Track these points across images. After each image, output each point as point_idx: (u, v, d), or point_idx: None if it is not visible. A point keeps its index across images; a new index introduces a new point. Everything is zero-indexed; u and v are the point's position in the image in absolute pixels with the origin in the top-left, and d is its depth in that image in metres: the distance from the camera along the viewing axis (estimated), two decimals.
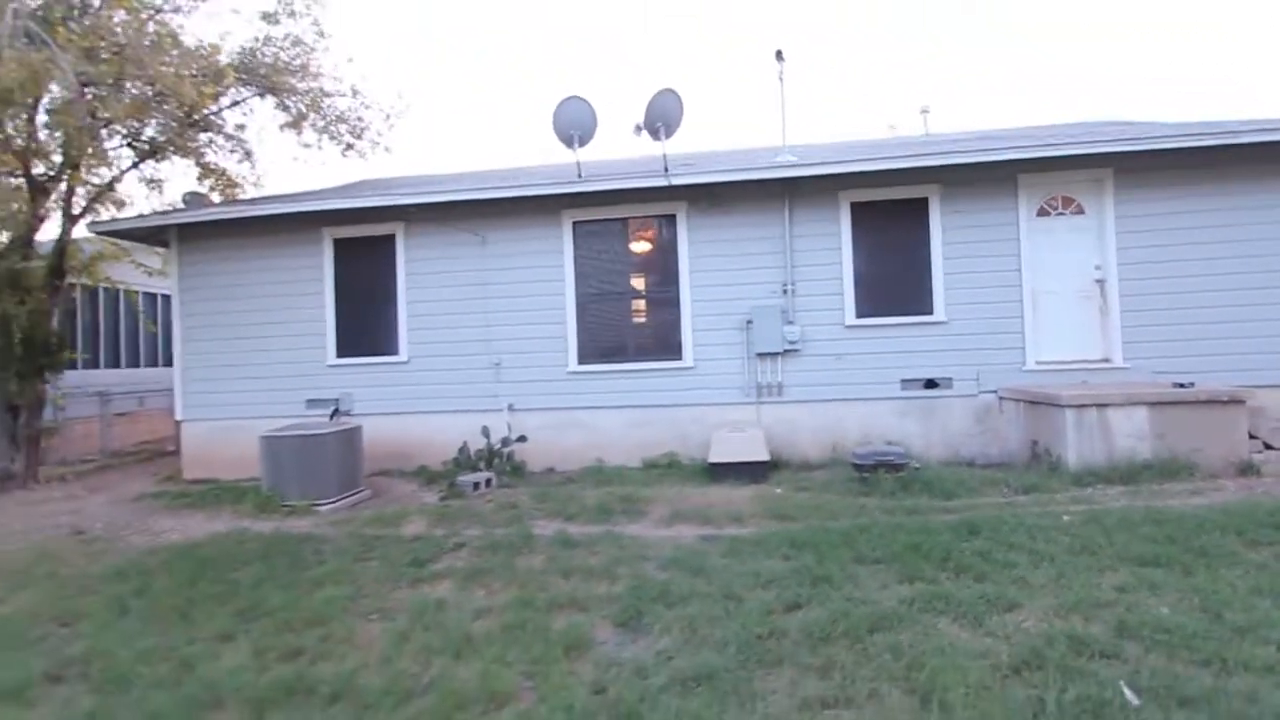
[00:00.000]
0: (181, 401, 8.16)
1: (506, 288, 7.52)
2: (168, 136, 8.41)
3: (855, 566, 3.67)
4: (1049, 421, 5.98)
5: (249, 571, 4.18)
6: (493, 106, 43.44)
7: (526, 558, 4.22)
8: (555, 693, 2.51)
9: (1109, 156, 6.55)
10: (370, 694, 2.57)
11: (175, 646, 3.12)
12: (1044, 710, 2.19)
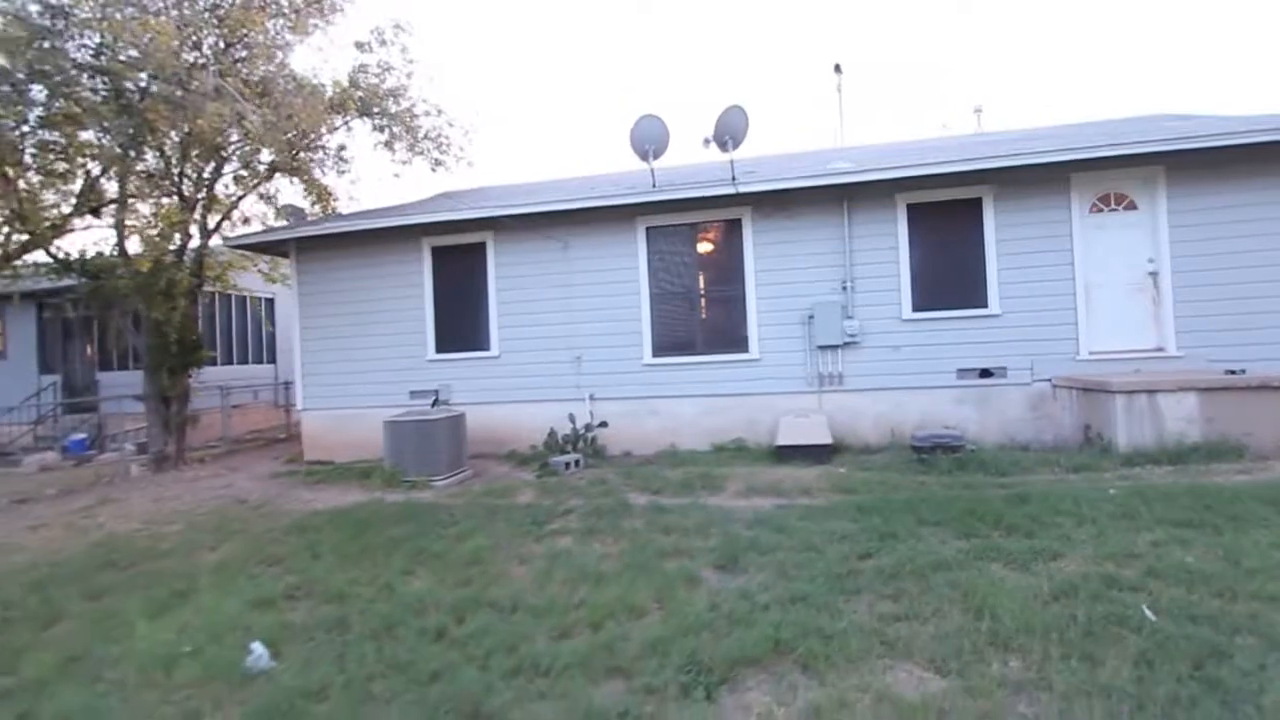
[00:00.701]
0: (302, 394, 9.27)
1: (586, 288, 8.31)
2: (284, 159, 9.54)
3: (917, 527, 4.26)
4: (1100, 407, 6.38)
5: (400, 529, 5.07)
6: (563, 114, 44.85)
7: (628, 520, 4.97)
8: (679, 608, 3.23)
9: (1160, 154, 6.85)
10: (537, 608, 3.35)
11: (370, 578, 3.99)
12: (1075, 622, 2.78)
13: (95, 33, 7.16)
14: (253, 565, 4.49)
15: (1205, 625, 2.70)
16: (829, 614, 3.02)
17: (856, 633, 2.81)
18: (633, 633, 2.98)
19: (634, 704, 2.37)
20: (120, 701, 2.66)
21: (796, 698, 2.39)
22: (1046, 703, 2.25)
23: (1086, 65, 35.51)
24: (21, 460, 11.29)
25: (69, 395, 12.89)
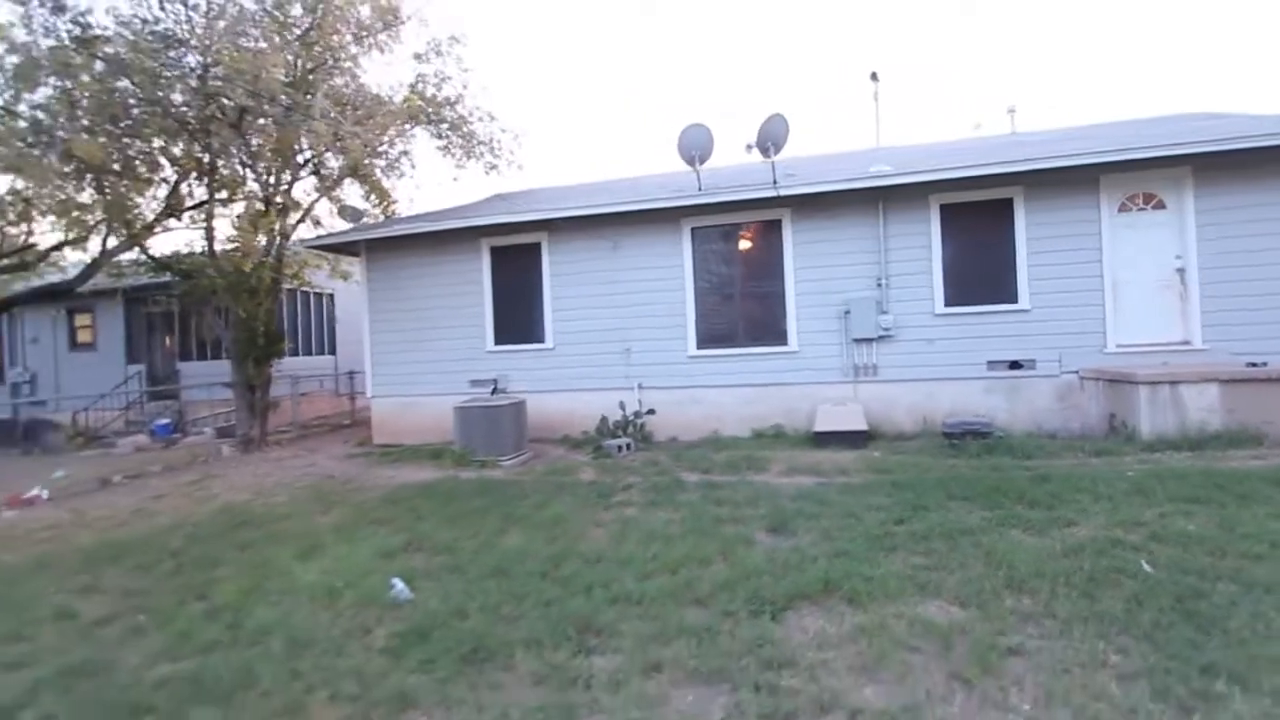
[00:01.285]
0: (371, 382, 10.08)
1: (635, 284, 8.91)
2: (353, 165, 10.33)
3: (946, 501, 4.78)
4: (1125, 397, 6.76)
5: (483, 500, 5.77)
6: (605, 115, 45.63)
7: (683, 494, 5.58)
8: (740, 560, 3.82)
9: (1189, 156, 7.15)
10: (619, 559, 3.98)
11: (470, 536, 4.67)
12: (1081, 571, 3.30)
13: (199, 55, 7.99)
14: (364, 526, 5.22)
15: (1193, 575, 3.20)
16: (869, 564, 3.59)
17: (892, 578, 3.37)
18: (703, 576, 3.58)
19: (715, 622, 2.98)
20: (302, 618, 3.37)
21: (844, 622, 2.97)
22: (1050, 626, 2.79)
23: (1122, 61, 34.87)
24: (116, 443, 12.39)
25: (152, 383, 14.01)
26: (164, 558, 4.59)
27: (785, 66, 44.82)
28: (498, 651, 2.83)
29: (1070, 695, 2.26)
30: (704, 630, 2.91)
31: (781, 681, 2.47)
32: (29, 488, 7.53)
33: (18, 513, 6.81)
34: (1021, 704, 2.25)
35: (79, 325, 14.79)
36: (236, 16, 8.06)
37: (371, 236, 9.81)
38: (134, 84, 8.11)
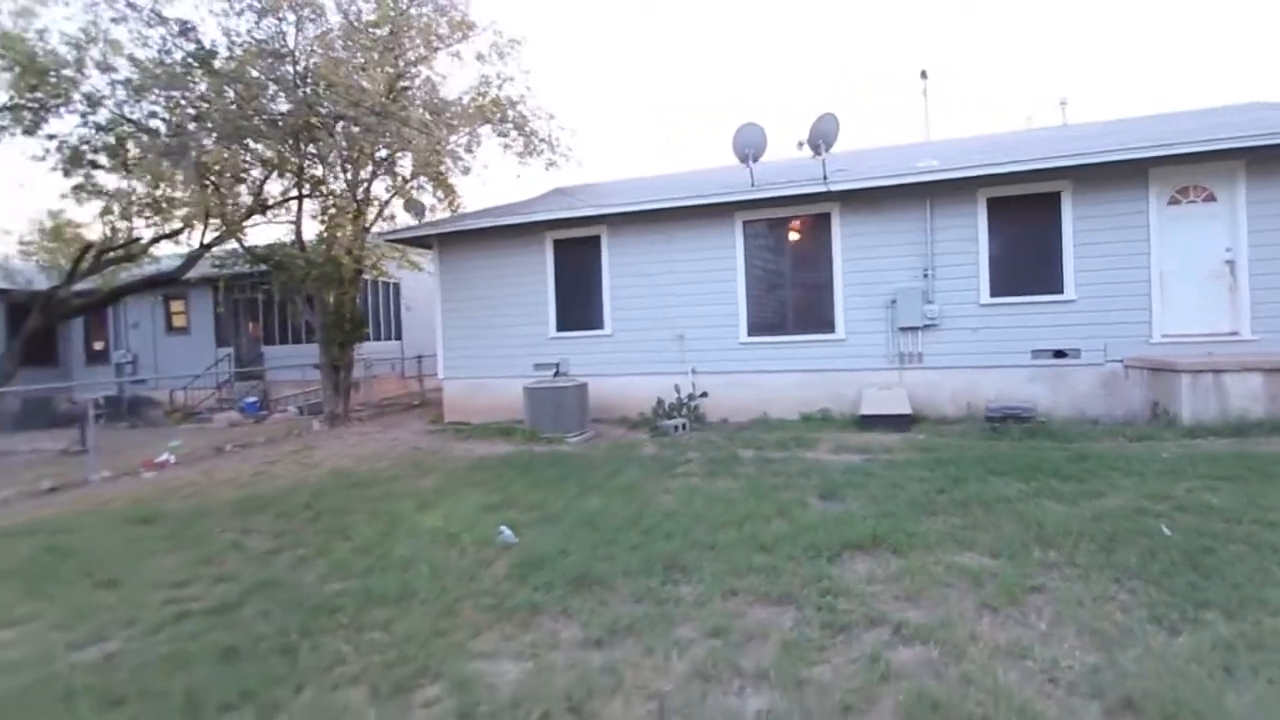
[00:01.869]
0: (442, 365, 10.93)
1: (689, 275, 9.46)
2: (425, 164, 11.12)
3: (985, 475, 5.22)
4: (1167, 385, 7.00)
5: (558, 469, 6.45)
6: (657, 108, 46.13)
7: (740, 467, 6.15)
8: (796, 518, 4.38)
9: (1241, 150, 7.26)
10: (690, 516, 4.59)
11: (555, 497, 5.34)
12: (1104, 532, 3.74)
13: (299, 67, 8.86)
14: (461, 488, 5.96)
15: (1207, 538, 3.61)
16: (911, 523, 4.10)
17: (932, 534, 3.89)
18: (766, 530, 4.16)
19: (779, 563, 3.56)
20: (434, 553, 4.09)
21: (889, 565, 3.51)
22: (1070, 572, 3.28)
23: (1175, 49, 33.30)
24: (212, 418, 13.67)
25: (239, 365, 15.29)
26: (300, 509, 5.43)
27: (835, 61, 44.34)
28: (600, 579, 3.48)
29: (1080, 619, 2.76)
30: (770, 568, 3.49)
31: (838, 605, 3.03)
32: (150, 455, 8.61)
33: (154, 474, 7.85)
34: (1039, 624, 2.77)
35: (174, 311, 16.20)
36: (340, 32, 8.90)
37: (444, 231, 10.60)
38: (242, 96, 9.04)
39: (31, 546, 4.73)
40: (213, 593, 3.62)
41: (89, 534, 5.02)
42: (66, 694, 2.56)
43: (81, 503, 6.43)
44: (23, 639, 3.17)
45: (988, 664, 2.41)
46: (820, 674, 2.44)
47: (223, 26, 9.41)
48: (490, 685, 2.48)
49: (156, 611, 3.38)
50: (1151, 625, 2.67)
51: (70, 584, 3.88)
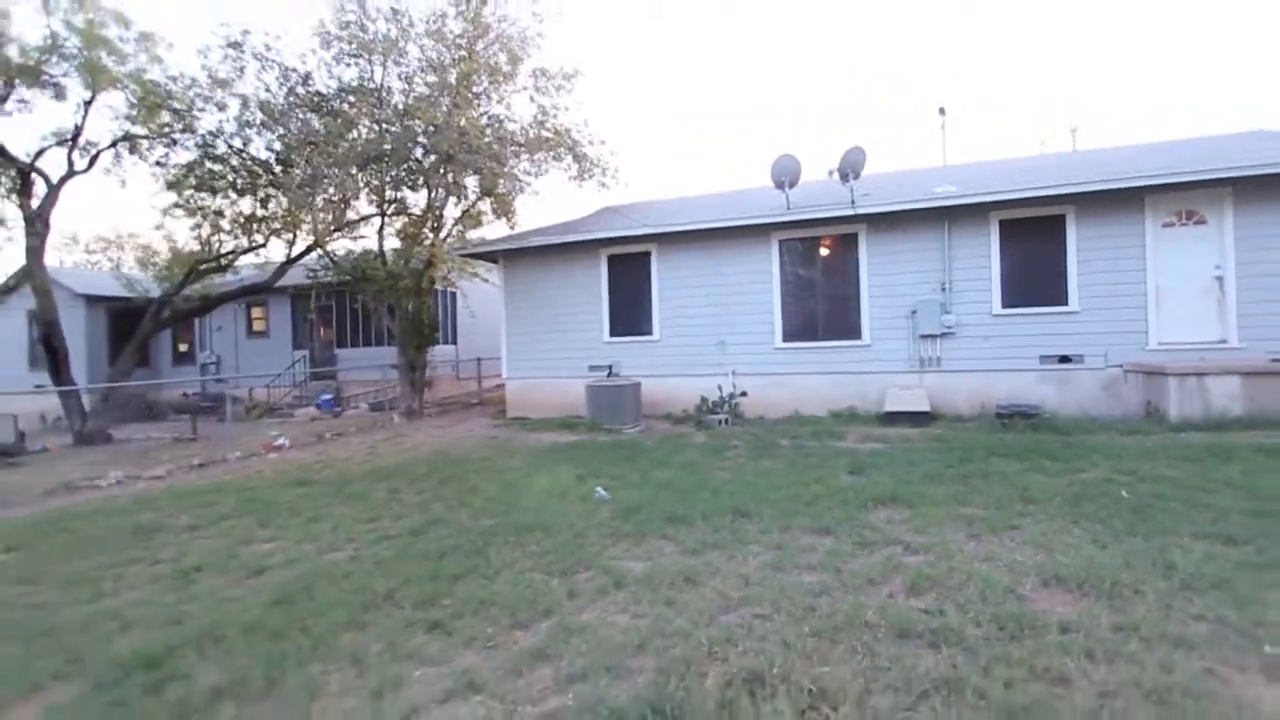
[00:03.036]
0: (506, 366, 12.23)
1: (730, 286, 10.63)
2: (489, 189, 12.48)
3: (988, 457, 6.28)
4: (1159, 387, 7.95)
5: (622, 452, 7.64)
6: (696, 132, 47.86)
7: (780, 451, 7.27)
8: (830, 485, 5.50)
9: (1229, 179, 8.20)
10: (742, 483, 5.73)
11: (628, 471, 6.53)
12: (1075, 495, 4.80)
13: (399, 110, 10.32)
14: (549, 464, 7.18)
15: (1154, 498, 4.65)
16: (922, 488, 5.20)
17: (939, 495, 4.98)
18: (806, 492, 5.29)
19: (820, 511, 4.70)
20: (550, 505, 5.31)
21: (903, 513, 4.62)
22: (1041, 518, 4.35)
23: (1180, 74, 33.74)
24: (294, 413, 15.21)
25: (313, 366, 16.84)
26: (423, 477, 6.71)
27: (864, 81, 45.52)
28: (684, 518, 4.65)
29: (1039, 542, 3.85)
30: (813, 514, 4.64)
31: (864, 534, 4.16)
32: (267, 441, 10.02)
33: (276, 455, 9.25)
34: (1009, 544, 3.86)
35: (255, 317, 17.86)
36: (419, 66, 10.33)
37: (509, 247, 11.93)
38: (341, 133, 10.51)
39: (233, 499, 6.08)
40: (398, 525, 4.89)
41: (266, 492, 6.36)
42: (345, 574, 3.82)
43: (234, 474, 7.82)
44: (282, 550, 4.46)
45: (967, 562, 3.53)
46: (852, 566, 3.58)
47: (332, 74, 10.93)
48: (626, 571, 3.67)
49: (365, 535, 4.65)
50: (1088, 545, 3.75)
51: (286, 520, 5.19)
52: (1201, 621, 2.72)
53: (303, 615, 3.19)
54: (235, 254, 13.95)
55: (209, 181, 11.91)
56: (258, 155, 11.91)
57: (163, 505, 6.07)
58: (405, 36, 11.21)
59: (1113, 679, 2.31)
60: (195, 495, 6.47)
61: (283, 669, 2.66)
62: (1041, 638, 2.61)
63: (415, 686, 2.53)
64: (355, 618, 3.16)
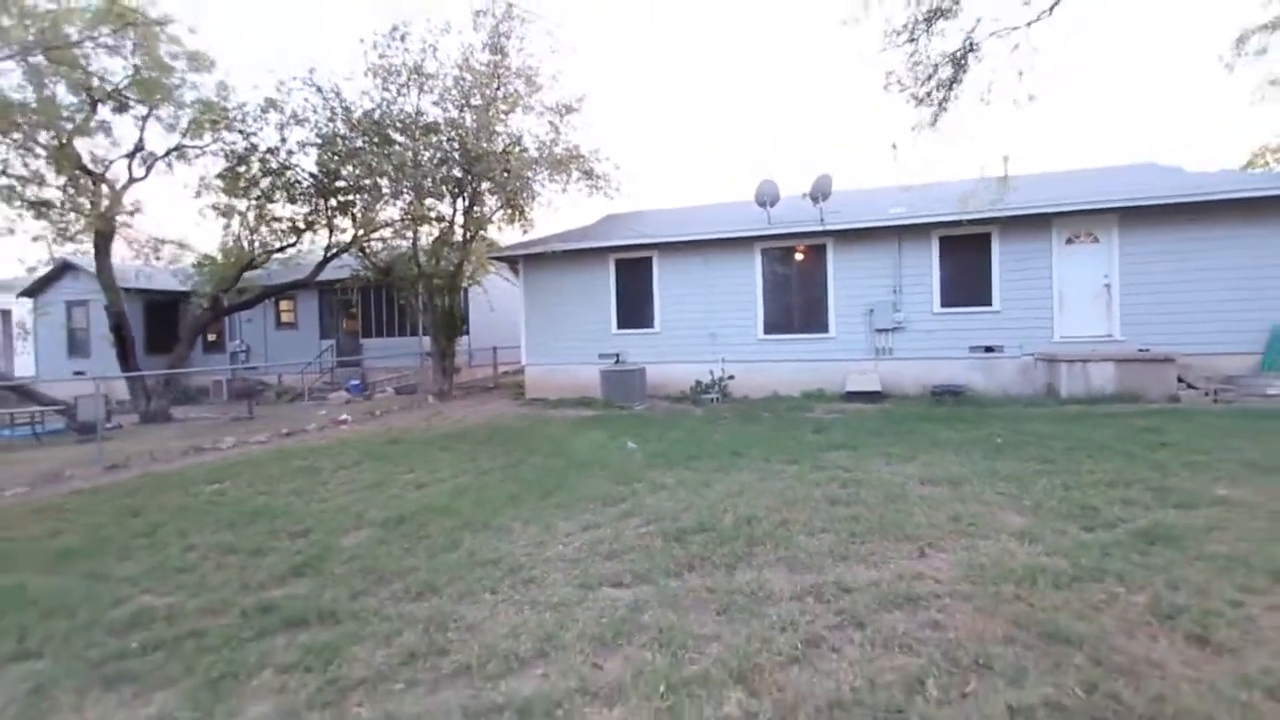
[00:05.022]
0: (526, 353, 14.12)
1: (719, 287, 12.64)
2: (509, 200, 14.29)
3: (918, 422, 8.39)
4: (1056, 371, 10.17)
5: (638, 421, 9.62)
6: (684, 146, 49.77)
7: (762, 420, 9.32)
8: (799, 440, 7.54)
9: (1115, 209, 10.41)
10: (734, 439, 7.76)
11: (649, 435, 8.52)
12: (971, 441, 6.91)
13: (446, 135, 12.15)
14: (581, 430, 9.13)
15: (1017, 443, 6.77)
16: (864, 439, 7.28)
17: (875, 444, 7.06)
18: (781, 444, 7.33)
19: (792, 453, 6.74)
20: (596, 453, 7.27)
21: (849, 455, 6.67)
22: (937, 455, 6.43)
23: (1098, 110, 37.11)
24: (328, 396, 16.91)
25: (339, 355, 18.52)
26: (485, 439, 8.62)
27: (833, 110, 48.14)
28: (695, 458, 6.66)
29: (930, 465, 5.92)
30: (786, 454, 6.69)
31: (819, 462, 6.21)
32: (294, 426, 11.81)
33: (345, 427, 11.06)
34: (910, 468, 5.93)
35: (283, 309, 19.43)
36: (454, 90, 12.18)
37: (530, 252, 13.79)
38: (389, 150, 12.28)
39: (352, 452, 7.95)
40: (494, 464, 6.83)
41: (371, 449, 8.23)
42: (479, 487, 5.76)
43: (324, 439, 9.64)
44: (422, 477, 6.36)
45: (879, 474, 5.59)
46: (809, 477, 5.62)
47: (372, 98, 12.71)
48: (664, 482, 5.66)
49: (474, 469, 6.60)
50: (955, 465, 5.84)
51: (407, 462, 7.09)
52: (999, 494, 4.81)
53: (472, 503, 5.14)
54: (280, 250, 15.57)
55: (264, 189, 13.57)
56: (304, 167, 13.60)
57: (296, 456, 7.93)
58: (439, 68, 12.98)
59: (940, 515, 4.37)
60: (312, 452, 8.31)
61: (483, 521, 4.62)
62: (908, 501, 4.68)
63: (560, 526, 4.51)
64: (506, 504, 5.12)
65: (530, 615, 3.07)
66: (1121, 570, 3.26)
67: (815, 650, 2.62)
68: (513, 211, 15.11)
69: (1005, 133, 36.64)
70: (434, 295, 13.79)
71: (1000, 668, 2.40)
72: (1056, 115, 43.05)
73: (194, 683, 2.57)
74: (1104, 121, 40.29)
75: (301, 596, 3.37)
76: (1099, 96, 42.93)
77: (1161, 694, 2.19)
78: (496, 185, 13.28)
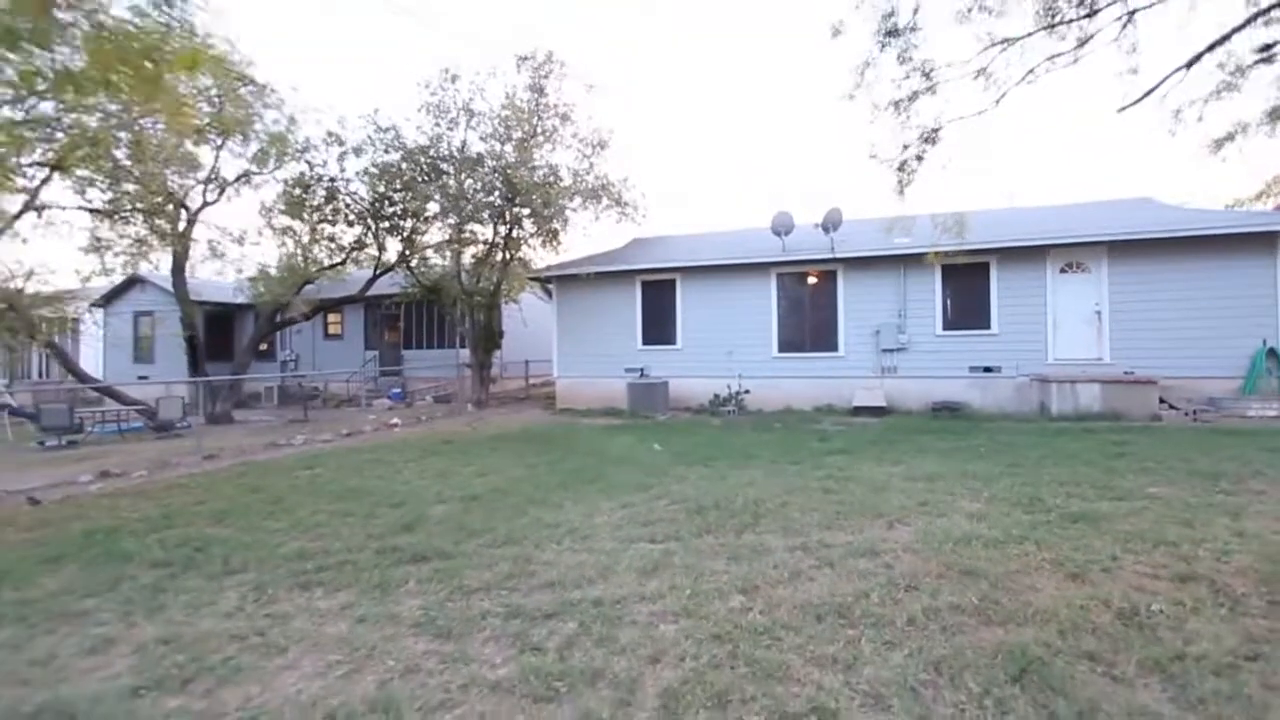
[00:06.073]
0: (557, 367, 15.29)
1: (737, 308, 13.71)
2: (546, 224, 15.56)
3: (914, 434, 9.33)
4: (1047, 390, 11.04)
5: (662, 430, 10.69)
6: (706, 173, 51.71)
7: (773, 430, 10.33)
8: (807, 447, 8.55)
9: (1104, 242, 11.32)
10: (746, 445, 8.78)
11: (675, 439, 9.58)
12: (955, 449, 7.86)
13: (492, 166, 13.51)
14: (612, 435, 10.22)
15: (995, 451, 7.71)
16: (862, 447, 8.27)
17: (872, 450, 8.05)
18: (788, 449, 8.35)
19: (797, 456, 7.76)
20: (627, 454, 8.35)
21: (850, 458, 7.67)
22: (924, 460, 7.40)
23: None
24: (372, 403, 18.24)
25: (382, 365, 19.90)
26: (527, 441, 9.76)
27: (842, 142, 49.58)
28: (713, 458, 7.70)
29: (911, 465, 6.90)
30: (792, 457, 7.70)
31: (820, 464, 7.21)
32: (352, 428, 13.06)
33: (397, 430, 12.29)
34: (896, 468, 6.91)
35: (330, 321, 20.92)
36: (499, 127, 13.56)
37: (564, 273, 15.03)
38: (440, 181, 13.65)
39: (411, 450, 9.13)
40: (540, 460, 7.94)
41: (428, 447, 9.40)
42: (531, 477, 6.88)
43: (381, 439, 10.86)
44: (482, 469, 7.50)
45: (869, 472, 6.59)
46: (809, 474, 6.63)
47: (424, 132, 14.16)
48: (687, 476, 6.72)
49: (523, 464, 7.71)
50: (934, 466, 6.80)
51: (464, 458, 8.25)
52: (965, 488, 5.79)
53: (530, 488, 6.26)
54: (331, 267, 17.03)
55: (324, 212, 15.05)
56: (360, 193, 15.07)
57: (365, 452, 9.13)
58: (487, 107, 14.39)
59: (912, 501, 5.37)
60: (378, 449, 9.51)
61: (540, 499, 5.73)
62: (889, 492, 5.68)
63: (603, 505, 5.59)
64: (556, 488, 6.22)
65: (588, 557, 4.15)
66: (1041, 538, 4.25)
67: (796, 579, 3.66)
68: (547, 236, 16.40)
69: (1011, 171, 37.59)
70: (474, 311, 15.06)
71: (924, 588, 3.42)
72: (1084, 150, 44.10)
73: (361, 587, 3.70)
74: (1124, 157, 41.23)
75: (416, 543, 4.49)
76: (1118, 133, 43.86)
77: (1029, 602, 3.20)
78: (534, 212, 14.58)
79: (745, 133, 57.74)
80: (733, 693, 2.47)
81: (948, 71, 6.13)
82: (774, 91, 55.44)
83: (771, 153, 54.72)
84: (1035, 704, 2.35)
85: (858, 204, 39.78)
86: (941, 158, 6.64)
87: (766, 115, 56.90)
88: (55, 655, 3.01)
